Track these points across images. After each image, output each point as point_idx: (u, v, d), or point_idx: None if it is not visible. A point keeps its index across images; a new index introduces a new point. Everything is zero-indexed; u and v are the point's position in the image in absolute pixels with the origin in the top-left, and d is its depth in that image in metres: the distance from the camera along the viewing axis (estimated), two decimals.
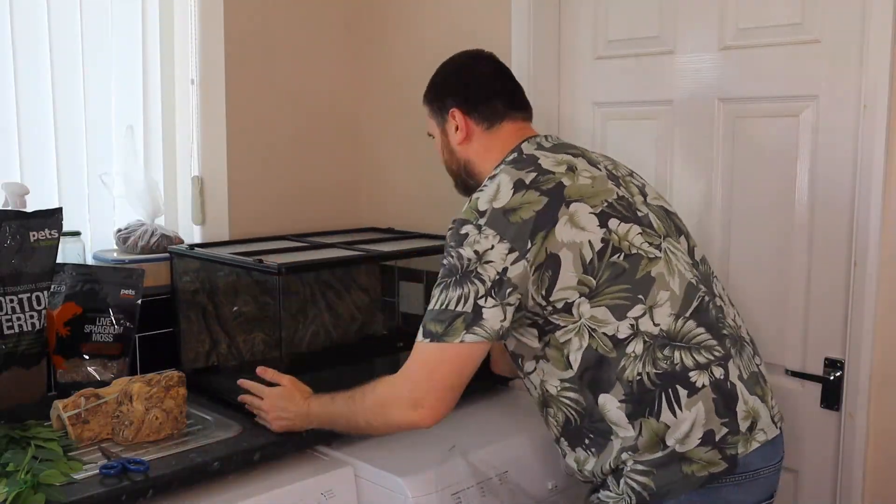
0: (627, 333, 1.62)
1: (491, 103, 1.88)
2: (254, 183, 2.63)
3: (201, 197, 2.59)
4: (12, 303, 2.04)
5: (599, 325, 1.63)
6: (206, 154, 2.60)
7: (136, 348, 2.32)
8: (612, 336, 1.62)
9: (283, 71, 2.69)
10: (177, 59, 2.59)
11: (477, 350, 1.64)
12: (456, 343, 1.62)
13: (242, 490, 1.83)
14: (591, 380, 1.65)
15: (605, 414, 1.64)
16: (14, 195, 2.17)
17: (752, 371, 1.72)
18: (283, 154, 2.71)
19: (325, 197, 2.83)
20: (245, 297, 2.49)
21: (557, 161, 1.76)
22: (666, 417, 1.61)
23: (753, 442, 1.65)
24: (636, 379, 1.62)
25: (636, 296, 1.64)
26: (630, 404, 1.62)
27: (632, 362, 1.62)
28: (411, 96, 2.70)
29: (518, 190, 1.68)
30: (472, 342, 1.62)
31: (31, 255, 2.05)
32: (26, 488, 1.58)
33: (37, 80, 2.34)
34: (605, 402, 1.64)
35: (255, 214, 2.63)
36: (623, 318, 1.63)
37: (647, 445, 1.62)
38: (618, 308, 1.63)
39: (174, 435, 1.94)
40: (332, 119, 2.84)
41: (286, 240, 2.54)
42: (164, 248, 2.39)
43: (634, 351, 1.62)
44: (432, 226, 2.69)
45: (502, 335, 1.65)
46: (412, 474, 1.87)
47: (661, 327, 1.64)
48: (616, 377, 1.62)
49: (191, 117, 2.60)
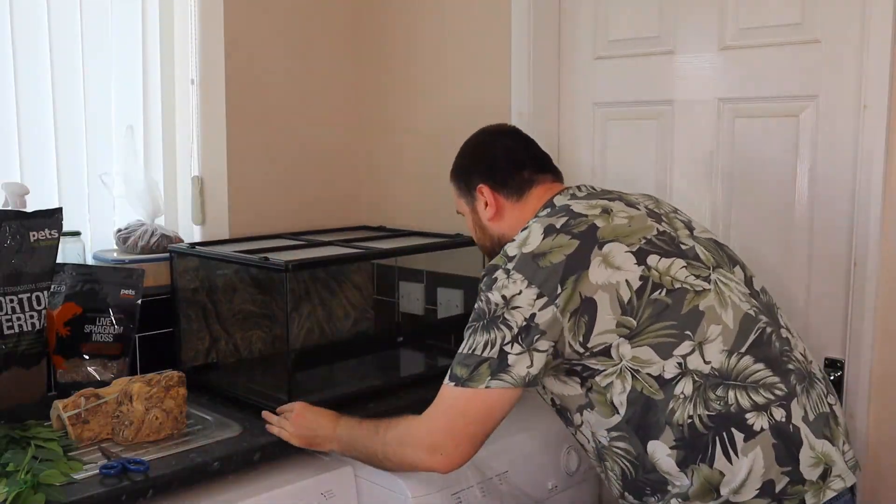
0: (675, 373, 1.52)
1: (518, 174, 1.81)
2: (254, 182, 2.63)
3: (201, 197, 2.59)
4: (12, 303, 2.04)
5: (643, 366, 1.54)
6: (206, 154, 2.60)
7: (136, 348, 2.32)
8: (658, 376, 1.53)
9: (283, 71, 2.69)
10: (177, 59, 2.59)
11: (503, 397, 1.56)
12: (480, 389, 1.56)
13: (242, 490, 1.83)
14: (638, 425, 1.55)
15: (657, 463, 1.55)
16: (14, 195, 2.17)
17: (822, 412, 1.58)
18: (283, 154, 2.71)
19: (323, 196, 2.83)
20: (245, 295, 2.49)
21: (591, 205, 1.69)
22: (720, 464, 1.50)
23: (828, 491, 1.52)
24: (687, 422, 1.51)
25: (683, 332, 1.54)
26: (681, 450, 1.52)
27: (681, 404, 1.52)
28: (411, 96, 2.75)
29: (548, 234, 1.62)
30: (498, 388, 1.55)
31: (31, 256, 2.05)
32: (26, 488, 1.57)
33: (37, 80, 2.34)
34: (655, 451, 1.54)
35: (255, 214, 2.63)
36: (669, 356, 1.53)
37: (698, 494, 1.51)
38: (662, 346, 1.53)
39: (174, 435, 1.94)
40: (332, 119, 2.84)
41: (283, 238, 2.54)
42: (164, 248, 2.39)
43: (683, 392, 1.52)
44: (426, 225, 2.69)
45: (530, 382, 1.57)
46: (412, 474, 1.85)
47: (712, 365, 1.53)
48: (665, 421, 1.52)
49: (191, 117, 2.60)
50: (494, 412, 1.58)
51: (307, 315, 2.65)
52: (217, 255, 2.31)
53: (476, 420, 1.59)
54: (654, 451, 1.54)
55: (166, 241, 2.43)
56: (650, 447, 1.55)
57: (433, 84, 2.70)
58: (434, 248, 2.46)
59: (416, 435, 1.66)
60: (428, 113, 2.72)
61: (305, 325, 2.64)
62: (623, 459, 1.60)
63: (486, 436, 1.62)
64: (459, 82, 2.62)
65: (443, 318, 2.65)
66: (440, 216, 2.57)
